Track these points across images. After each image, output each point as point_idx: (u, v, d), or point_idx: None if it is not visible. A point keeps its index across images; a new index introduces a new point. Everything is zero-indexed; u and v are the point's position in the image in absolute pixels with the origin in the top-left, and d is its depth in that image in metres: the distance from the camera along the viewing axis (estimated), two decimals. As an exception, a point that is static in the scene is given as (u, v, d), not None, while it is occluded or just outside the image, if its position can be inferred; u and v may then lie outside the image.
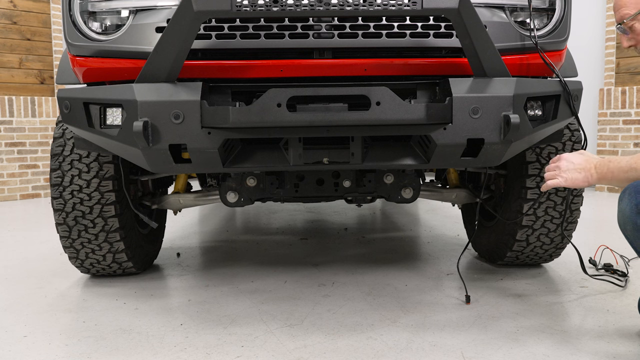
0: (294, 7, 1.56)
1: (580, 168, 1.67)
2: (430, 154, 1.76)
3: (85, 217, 2.26)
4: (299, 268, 2.66)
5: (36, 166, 5.81)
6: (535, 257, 2.52)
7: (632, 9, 1.76)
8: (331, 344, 1.74)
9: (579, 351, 1.66)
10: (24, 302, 2.22)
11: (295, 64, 1.79)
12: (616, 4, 1.83)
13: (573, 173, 1.68)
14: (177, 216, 3.78)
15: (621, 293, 2.21)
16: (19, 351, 1.72)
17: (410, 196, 2.25)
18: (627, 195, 1.60)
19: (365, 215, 4.37)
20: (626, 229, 1.62)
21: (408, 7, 1.56)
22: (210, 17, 1.62)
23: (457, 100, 1.67)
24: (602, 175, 1.64)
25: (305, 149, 1.80)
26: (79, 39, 1.81)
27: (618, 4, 1.82)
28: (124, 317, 2.01)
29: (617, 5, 1.82)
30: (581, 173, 1.67)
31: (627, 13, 1.77)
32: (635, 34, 1.79)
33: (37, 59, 5.80)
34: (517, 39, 1.85)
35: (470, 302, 2.09)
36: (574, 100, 1.84)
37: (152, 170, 1.79)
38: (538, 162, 2.31)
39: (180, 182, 2.70)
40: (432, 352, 1.66)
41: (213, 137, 1.67)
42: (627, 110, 5.52)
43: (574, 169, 1.68)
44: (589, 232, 3.38)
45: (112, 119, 1.76)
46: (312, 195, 2.25)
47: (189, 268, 2.70)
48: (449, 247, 3.11)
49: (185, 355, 1.66)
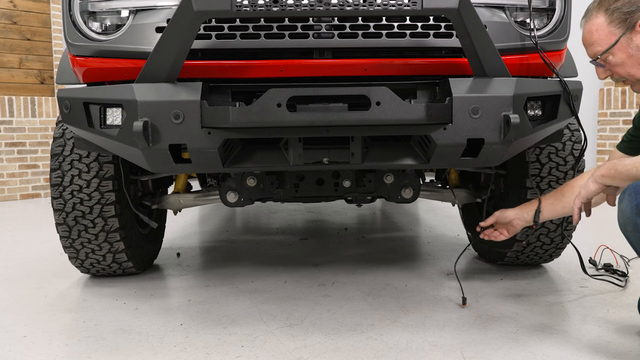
0: (294, 7, 1.56)
1: (585, 181, 1.73)
2: (430, 154, 1.76)
3: (85, 217, 2.26)
4: (299, 268, 2.66)
5: (36, 166, 5.81)
6: (535, 257, 2.52)
7: (604, 45, 1.76)
8: (331, 344, 1.74)
9: (579, 351, 1.66)
10: (24, 302, 2.22)
11: (295, 64, 1.79)
12: (586, 41, 1.82)
13: (584, 187, 1.71)
14: (177, 216, 3.77)
15: (621, 293, 2.21)
16: (19, 351, 1.72)
17: (410, 196, 2.25)
18: (627, 196, 1.60)
19: (365, 215, 4.37)
20: (626, 229, 1.62)
21: (408, 7, 1.56)
22: (210, 17, 1.62)
23: (457, 100, 1.67)
24: (607, 170, 1.64)
25: (305, 149, 1.80)
26: (79, 39, 1.81)
27: (588, 41, 1.81)
28: (124, 317, 2.01)
29: (587, 42, 1.81)
30: (587, 180, 1.72)
31: (599, 50, 1.77)
32: (610, 65, 1.79)
33: (37, 59, 5.80)
34: (517, 39, 1.85)
35: (466, 304, 2.08)
36: (574, 100, 1.84)
37: (152, 170, 1.79)
38: (538, 162, 2.31)
39: (180, 182, 2.70)
40: (432, 352, 1.66)
41: (213, 137, 1.66)
42: (627, 110, 5.52)
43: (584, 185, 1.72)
44: (589, 232, 3.38)
45: (112, 119, 1.76)
46: (312, 195, 2.25)
47: (189, 268, 2.70)
48: (449, 247, 3.11)
49: (185, 355, 1.66)
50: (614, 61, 1.77)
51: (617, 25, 1.73)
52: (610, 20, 1.74)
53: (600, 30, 1.76)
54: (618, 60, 1.76)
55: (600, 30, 1.76)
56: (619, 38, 1.73)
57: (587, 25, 1.80)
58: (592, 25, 1.78)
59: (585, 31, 1.81)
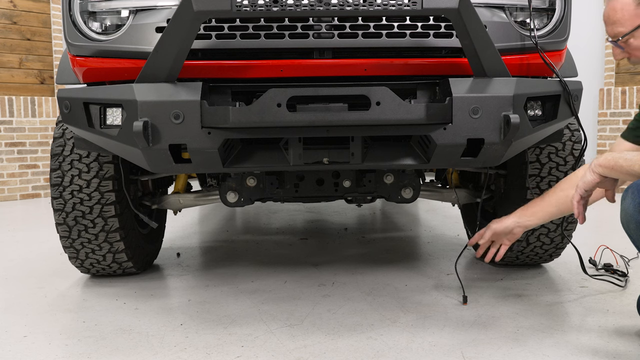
0: (294, 7, 1.56)
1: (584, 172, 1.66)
2: (430, 154, 1.76)
3: (85, 217, 2.26)
4: (299, 268, 2.66)
5: (36, 166, 5.81)
6: (535, 257, 2.52)
7: (628, 27, 1.69)
8: (331, 344, 1.74)
9: (579, 351, 1.66)
10: (24, 302, 2.22)
11: (295, 64, 1.79)
12: (608, 19, 1.74)
13: (582, 179, 1.65)
14: (177, 216, 3.77)
15: (621, 293, 2.21)
16: (19, 351, 1.72)
17: (410, 196, 2.25)
18: (630, 194, 1.59)
19: (365, 215, 4.37)
20: (629, 227, 1.61)
21: (408, 7, 1.56)
22: (210, 17, 1.62)
23: (457, 100, 1.67)
24: (605, 160, 1.58)
25: (305, 149, 1.80)
26: (79, 39, 1.81)
27: (611, 19, 1.73)
28: (124, 317, 2.01)
29: (610, 20, 1.73)
30: (585, 171, 1.65)
31: (621, 31, 1.70)
32: (630, 48, 1.73)
33: (37, 59, 5.80)
34: (517, 39, 1.85)
35: (467, 302, 2.09)
36: (574, 100, 1.84)
37: (152, 170, 1.79)
38: (538, 162, 2.31)
39: (180, 182, 2.70)
40: (432, 352, 1.66)
41: (213, 137, 1.67)
42: (627, 110, 5.52)
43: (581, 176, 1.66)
44: (589, 232, 3.38)
45: (112, 119, 1.76)
46: (312, 195, 2.25)
47: (189, 268, 2.70)
48: (449, 247, 3.11)
49: (185, 355, 1.66)
50: (635, 44, 1.70)
51: None
52: (638, 2, 1.66)
53: (625, 10, 1.68)
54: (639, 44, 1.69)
55: (626, 10, 1.68)
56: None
57: (612, 3, 1.71)
58: (617, 3, 1.70)
59: (609, 8, 1.73)
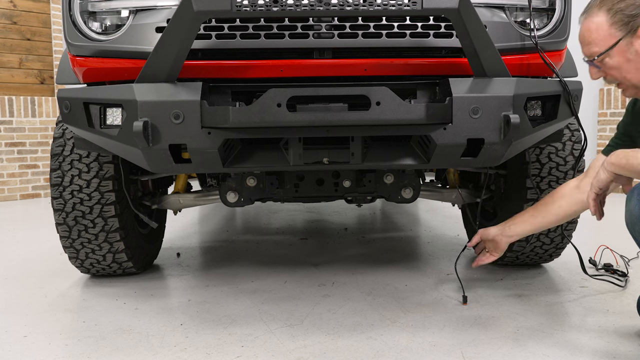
0: (294, 7, 1.56)
1: (595, 171, 1.65)
2: (430, 154, 1.76)
3: (85, 217, 2.26)
4: (299, 268, 2.66)
5: (36, 166, 5.81)
6: (535, 257, 2.52)
7: (602, 47, 1.67)
8: (331, 344, 1.74)
9: (579, 351, 1.66)
10: (24, 302, 2.22)
11: (295, 64, 1.79)
12: (583, 39, 1.72)
13: (596, 177, 1.64)
14: (177, 216, 3.77)
15: (621, 293, 2.21)
16: (19, 351, 1.72)
17: (410, 196, 2.25)
18: (635, 196, 1.58)
19: (365, 215, 4.37)
20: (635, 229, 1.60)
21: (408, 7, 1.56)
22: (210, 17, 1.62)
23: (457, 100, 1.67)
24: (617, 158, 1.56)
25: (305, 149, 1.80)
26: (79, 39, 1.81)
27: (586, 39, 1.71)
28: (124, 317, 2.01)
29: (585, 41, 1.72)
30: (598, 170, 1.64)
31: (596, 51, 1.69)
32: (606, 67, 1.71)
33: (37, 59, 5.81)
34: (517, 39, 1.85)
35: (467, 302, 2.09)
36: (574, 100, 1.84)
37: (152, 170, 1.79)
38: (538, 162, 2.31)
39: (180, 182, 2.70)
40: (432, 352, 1.66)
41: (213, 137, 1.66)
42: (627, 110, 5.51)
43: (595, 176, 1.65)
44: (589, 232, 3.38)
45: (112, 119, 1.76)
46: (312, 195, 2.25)
47: (189, 268, 2.70)
48: (449, 247, 3.11)
49: (185, 355, 1.66)
50: (611, 64, 1.69)
51: (618, 27, 1.64)
52: (612, 22, 1.65)
53: (599, 30, 1.67)
54: (615, 64, 1.68)
55: (600, 30, 1.67)
56: (618, 41, 1.65)
57: (587, 23, 1.71)
58: (591, 23, 1.69)
59: (584, 29, 1.72)
